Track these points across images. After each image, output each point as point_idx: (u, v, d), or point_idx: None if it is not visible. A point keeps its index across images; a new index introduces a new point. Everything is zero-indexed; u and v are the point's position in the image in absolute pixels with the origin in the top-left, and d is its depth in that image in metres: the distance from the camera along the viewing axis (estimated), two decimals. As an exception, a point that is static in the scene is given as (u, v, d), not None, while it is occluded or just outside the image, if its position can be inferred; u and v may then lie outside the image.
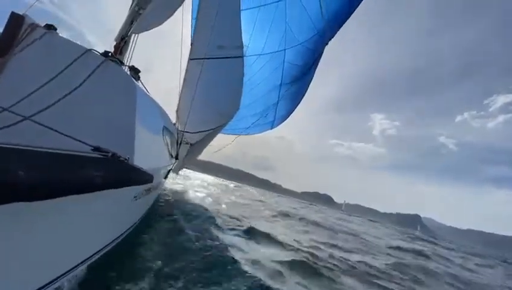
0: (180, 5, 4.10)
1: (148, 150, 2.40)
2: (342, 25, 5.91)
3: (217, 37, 4.87)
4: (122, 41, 3.59)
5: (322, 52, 6.53)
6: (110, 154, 1.48)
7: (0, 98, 1.70)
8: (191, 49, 5.63)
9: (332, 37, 6.12)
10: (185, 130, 5.15)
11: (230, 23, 4.80)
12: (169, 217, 5.15)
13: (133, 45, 3.77)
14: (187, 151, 5.67)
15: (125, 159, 1.59)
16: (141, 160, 1.97)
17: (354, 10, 5.66)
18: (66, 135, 1.48)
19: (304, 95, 7.60)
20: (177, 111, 6.12)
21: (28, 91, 1.69)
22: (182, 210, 5.92)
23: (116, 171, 1.38)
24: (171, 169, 4.92)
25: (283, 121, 8.20)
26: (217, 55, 5.07)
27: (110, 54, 2.10)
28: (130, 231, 2.99)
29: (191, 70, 5.58)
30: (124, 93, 2.06)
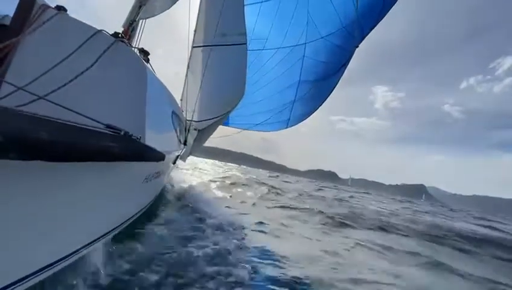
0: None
1: (158, 133, 2.43)
2: (374, 25, 5.48)
3: (219, 24, 4.83)
4: (130, 27, 3.58)
5: (351, 55, 6.08)
6: (122, 132, 1.51)
7: (14, 78, 1.73)
8: (194, 36, 5.60)
9: (363, 38, 5.68)
10: (192, 117, 5.17)
11: (233, 10, 4.75)
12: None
13: (141, 30, 3.76)
14: (194, 138, 5.70)
15: (137, 138, 1.62)
16: (152, 141, 2.00)
17: (391, 7, 5.21)
18: (79, 113, 1.51)
19: (325, 98, 7.03)
20: (181, 99, 6.13)
21: (40, 71, 1.72)
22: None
23: (129, 146, 1.42)
24: (180, 155, 4.98)
25: (300, 122, 7.69)
26: (219, 43, 5.04)
27: (120, 35, 2.10)
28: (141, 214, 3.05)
29: (195, 58, 5.57)
30: (134, 74, 2.08)
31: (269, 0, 6.40)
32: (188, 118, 5.26)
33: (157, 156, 1.68)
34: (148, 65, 2.41)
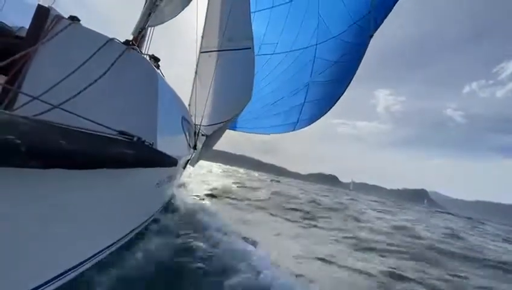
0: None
1: (169, 138, 2.45)
2: (388, 12, 5.26)
3: (226, 29, 4.87)
4: (140, 35, 3.64)
5: (365, 48, 5.81)
6: (135, 138, 1.53)
7: (30, 87, 1.77)
8: (201, 41, 5.67)
9: (378, 27, 5.41)
10: (200, 122, 5.20)
11: (239, 15, 4.79)
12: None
13: (150, 37, 3.82)
14: (202, 143, 5.73)
15: (150, 144, 1.63)
16: (164, 147, 2.01)
17: None
18: (93, 121, 1.52)
19: (336, 100, 6.69)
20: (189, 104, 6.18)
21: (55, 80, 1.75)
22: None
23: (143, 152, 1.43)
24: (190, 160, 5.01)
25: (308, 125, 7.40)
26: (226, 47, 5.08)
27: (131, 43, 2.14)
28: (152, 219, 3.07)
29: (202, 63, 5.63)
30: (146, 81, 2.10)
31: (279, 5, 6.38)
32: (196, 123, 5.30)
33: (170, 162, 1.69)
34: (159, 71, 2.44)
